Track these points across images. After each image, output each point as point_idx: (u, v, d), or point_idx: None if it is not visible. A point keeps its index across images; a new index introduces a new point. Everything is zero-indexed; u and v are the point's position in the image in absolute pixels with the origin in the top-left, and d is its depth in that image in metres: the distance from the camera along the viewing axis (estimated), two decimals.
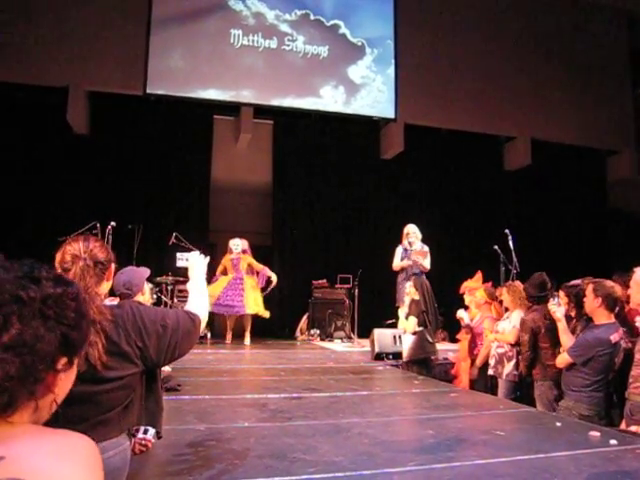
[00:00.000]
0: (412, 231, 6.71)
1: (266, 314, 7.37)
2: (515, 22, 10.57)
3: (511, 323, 4.65)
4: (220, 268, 7.58)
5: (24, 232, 7.93)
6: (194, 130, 9.55)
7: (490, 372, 4.82)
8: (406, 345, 5.45)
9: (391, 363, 5.73)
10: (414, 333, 5.34)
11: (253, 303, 7.25)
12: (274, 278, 7.49)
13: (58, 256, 1.74)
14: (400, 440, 2.83)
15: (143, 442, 1.93)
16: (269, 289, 7.55)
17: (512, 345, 4.59)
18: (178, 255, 7.15)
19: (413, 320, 5.36)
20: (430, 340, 5.40)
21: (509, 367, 4.60)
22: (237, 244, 7.58)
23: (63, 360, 0.84)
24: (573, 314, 4.14)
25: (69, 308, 0.85)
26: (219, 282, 7.39)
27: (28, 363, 0.78)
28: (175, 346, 1.75)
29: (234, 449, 2.52)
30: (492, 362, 4.78)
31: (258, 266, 7.59)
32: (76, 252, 1.72)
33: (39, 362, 0.79)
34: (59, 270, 1.71)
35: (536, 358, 4.17)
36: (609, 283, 3.69)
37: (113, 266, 1.84)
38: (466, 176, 10.45)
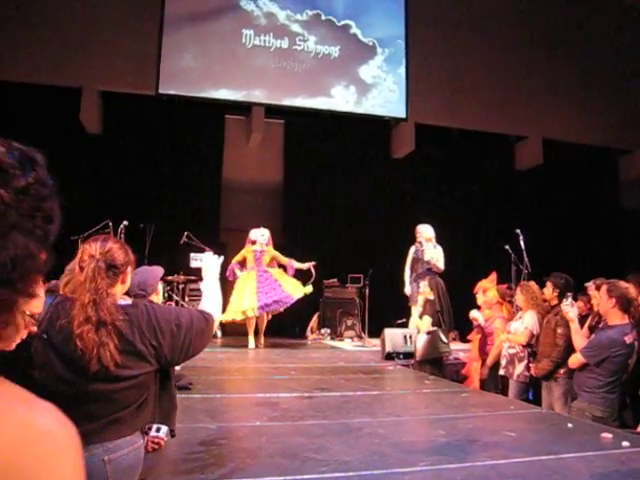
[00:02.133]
0: (419, 231, 6.72)
1: (309, 289, 6.86)
2: (526, 21, 10.48)
3: (523, 324, 4.62)
4: (238, 258, 6.99)
5: None
6: (206, 129, 9.58)
7: (501, 372, 4.80)
8: (420, 344, 5.44)
9: (402, 363, 5.71)
10: (428, 333, 5.33)
11: (294, 287, 6.76)
12: (304, 266, 6.97)
13: (79, 254, 1.77)
14: (411, 440, 2.83)
15: (156, 440, 1.96)
16: (311, 280, 7.01)
17: (524, 346, 4.57)
18: (192, 255, 7.14)
19: (428, 319, 5.35)
20: (444, 340, 5.39)
21: (520, 368, 4.58)
22: (263, 234, 6.92)
23: (44, 256, 0.65)
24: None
25: (44, 198, 0.65)
26: (243, 283, 6.76)
27: (20, 288, 0.60)
28: (189, 345, 1.77)
29: (246, 448, 2.54)
30: (503, 362, 4.75)
31: (284, 259, 7.05)
32: (92, 252, 1.73)
33: (31, 280, 0.62)
34: (77, 268, 1.74)
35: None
36: (623, 284, 3.66)
37: (130, 269, 1.84)
38: (477, 176, 10.40)
